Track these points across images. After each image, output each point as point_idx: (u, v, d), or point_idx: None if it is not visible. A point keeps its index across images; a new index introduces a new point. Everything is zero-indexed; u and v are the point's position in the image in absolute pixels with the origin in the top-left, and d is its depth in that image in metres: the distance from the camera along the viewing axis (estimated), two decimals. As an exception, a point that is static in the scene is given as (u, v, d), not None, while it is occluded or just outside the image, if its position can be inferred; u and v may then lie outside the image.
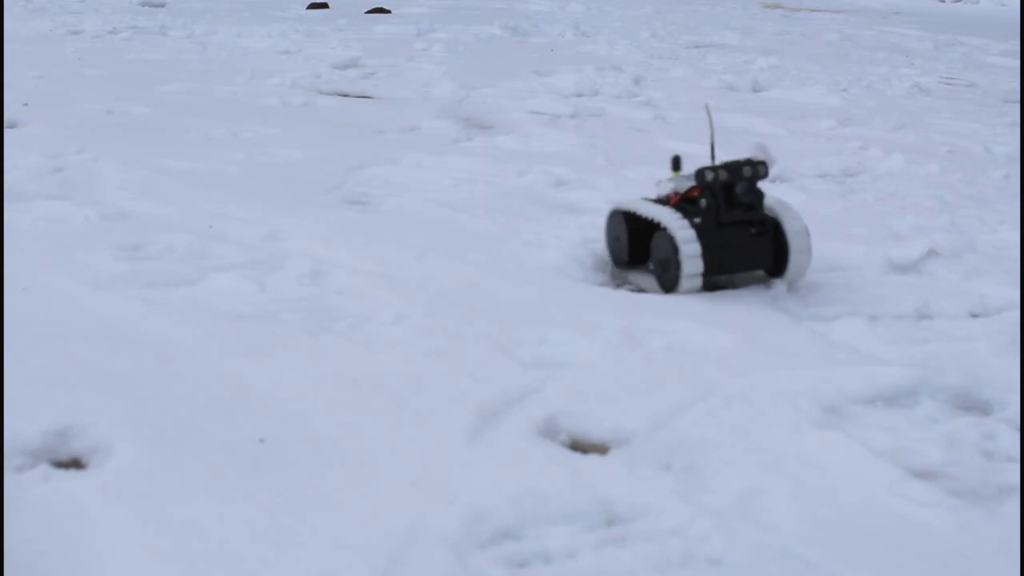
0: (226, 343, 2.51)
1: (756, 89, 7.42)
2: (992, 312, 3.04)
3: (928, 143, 5.61)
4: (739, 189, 2.95)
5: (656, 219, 3.02)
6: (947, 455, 2.13)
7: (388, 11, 12.15)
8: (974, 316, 3.01)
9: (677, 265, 2.94)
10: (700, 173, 2.96)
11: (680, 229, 2.92)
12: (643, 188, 4.25)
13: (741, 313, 2.91)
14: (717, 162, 3.01)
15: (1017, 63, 9.94)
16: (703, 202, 2.98)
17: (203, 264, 3.06)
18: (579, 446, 2.14)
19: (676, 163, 3.15)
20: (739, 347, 2.64)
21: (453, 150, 4.88)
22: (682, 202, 3.05)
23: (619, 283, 3.20)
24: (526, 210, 3.86)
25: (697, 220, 2.97)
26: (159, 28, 9.22)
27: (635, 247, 3.17)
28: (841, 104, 6.88)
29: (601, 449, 2.13)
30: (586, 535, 1.80)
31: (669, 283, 3.00)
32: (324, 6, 12.59)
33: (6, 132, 4.60)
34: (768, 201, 3.09)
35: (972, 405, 2.41)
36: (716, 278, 3.07)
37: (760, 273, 3.13)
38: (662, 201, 3.11)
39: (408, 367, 2.43)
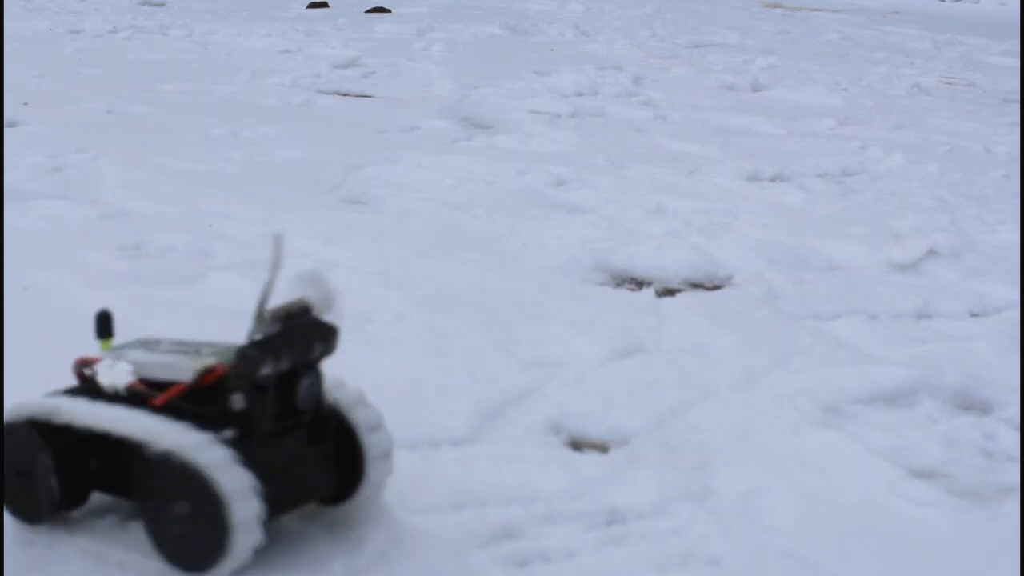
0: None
1: (756, 89, 7.41)
2: (992, 312, 3.04)
3: (928, 143, 5.61)
4: (303, 391, 1.69)
5: (135, 435, 1.64)
6: (947, 455, 2.14)
7: (388, 10, 12.14)
8: (974, 316, 3.01)
9: (218, 521, 1.56)
10: (247, 359, 1.62)
11: (208, 453, 1.59)
12: (643, 188, 4.26)
13: (741, 313, 2.91)
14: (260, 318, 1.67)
15: (1017, 63, 9.93)
16: (236, 401, 1.64)
17: (203, 263, 3.06)
18: (579, 446, 2.14)
19: (105, 325, 1.83)
20: (739, 347, 2.64)
21: (453, 150, 4.88)
22: (179, 398, 1.67)
23: (619, 282, 3.20)
24: (526, 210, 3.86)
25: (230, 432, 1.63)
26: (159, 27, 9.22)
27: (73, 480, 1.73)
28: (841, 104, 6.88)
29: (601, 449, 2.13)
30: (586, 535, 1.80)
31: (196, 554, 1.60)
32: (324, 5, 12.58)
33: (6, 131, 4.59)
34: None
35: (972, 405, 2.41)
36: None
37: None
38: (119, 396, 1.72)
39: (408, 366, 2.43)
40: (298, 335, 1.66)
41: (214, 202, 3.71)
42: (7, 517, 1.74)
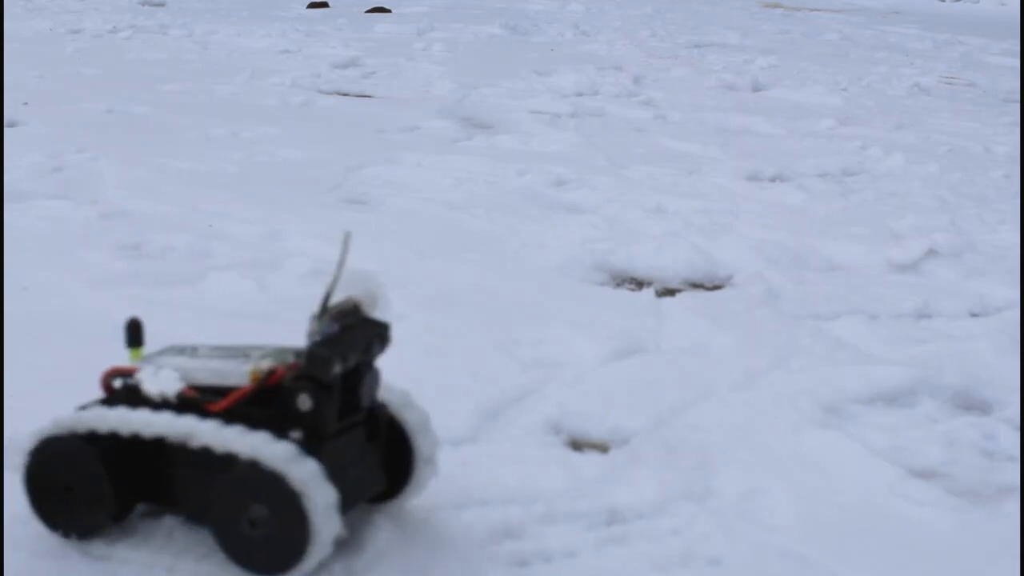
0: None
1: (756, 88, 7.42)
2: (992, 312, 3.04)
3: (928, 143, 5.61)
4: (365, 389, 1.70)
5: (214, 442, 1.62)
6: (947, 455, 2.14)
7: (388, 10, 12.14)
8: (974, 316, 3.01)
9: (299, 526, 1.56)
10: (318, 359, 1.61)
11: (286, 459, 1.58)
12: (643, 188, 4.26)
13: (741, 313, 2.91)
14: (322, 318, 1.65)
15: (1017, 63, 9.94)
16: (303, 401, 1.63)
17: (203, 263, 3.06)
18: (579, 446, 2.14)
19: (136, 334, 1.80)
20: (739, 347, 2.64)
21: (453, 150, 4.88)
22: (241, 404, 1.66)
23: (619, 282, 3.20)
24: (526, 210, 3.86)
25: (297, 434, 1.63)
26: (159, 27, 9.22)
27: (124, 491, 1.70)
28: (841, 104, 6.88)
29: (601, 449, 2.13)
30: (586, 535, 1.80)
31: (279, 559, 1.59)
32: (324, 5, 12.58)
33: (6, 131, 4.59)
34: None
35: (972, 405, 2.41)
36: None
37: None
38: (167, 403, 1.70)
39: (408, 366, 2.42)
40: (359, 333, 1.66)
41: (214, 202, 3.71)
42: (42, 529, 1.70)
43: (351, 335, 1.64)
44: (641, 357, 2.57)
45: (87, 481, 1.67)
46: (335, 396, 1.63)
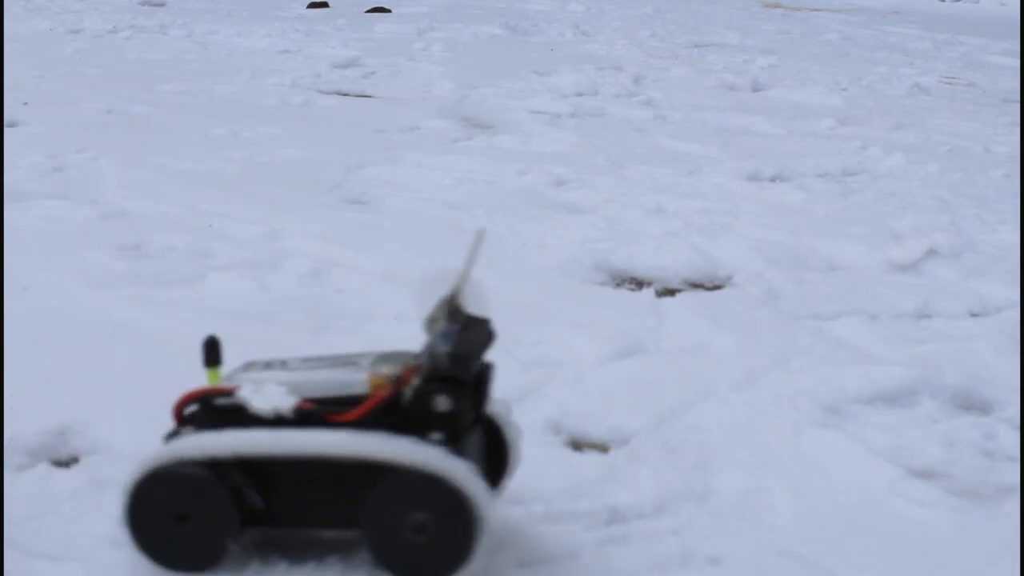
0: (226, 342, 2.50)
1: (756, 88, 7.42)
2: (992, 312, 3.04)
3: (928, 143, 5.61)
4: (489, 387, 1.74)
5: (373, 455, 1.59)
6: (947, 455, 2.14)
7: (388, 10, 12.14)
8: (974, 316, 3.01)
9: (466, 528, 1.57)
10: (461, 359, 1.62)
11: (448, 463, 1.57)
12: (643, 188, 4.26)
13: (741, 313, 2.91)
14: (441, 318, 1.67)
15: (1017, 63, 9.94)
16: (441, 403, 1.61)
17: (203, 263, 3.06)
18: (579, 446, 2.14)
19: (214, 353, 1.72)
20: (739, 347, 2.64)
21: (453, 150, 4.88)
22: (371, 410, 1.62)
23: (619, 282, 3.20)
24: (526, 210, 3.86)
25: (438, 435, 1.61)
26: (159, 27, 9.22)
27: (245, 516, 1.64)
28: (841, 104, 6.88)
29: (601, 449, 2.13)
30: (586, 535, 1.80)
31: (443, 564, 1.59)
32: (324, 5, 12.58)
33: (6, 131, 4.59)
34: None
35: (972, 405, 2.41)
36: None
37: None
38: (283, 419, 1.63)
39: (408, 367, 2.42)
40: (475, 331, 1.65)
41: (214, 202, 3.71)
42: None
43: (471, 333, 1.64)
44: (641, 357, 2.57)
45: (207, 509, 1.61)
46: (469, 395, 1.63)
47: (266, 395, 1.62)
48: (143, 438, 1.99)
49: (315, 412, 1.62)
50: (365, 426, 1.60)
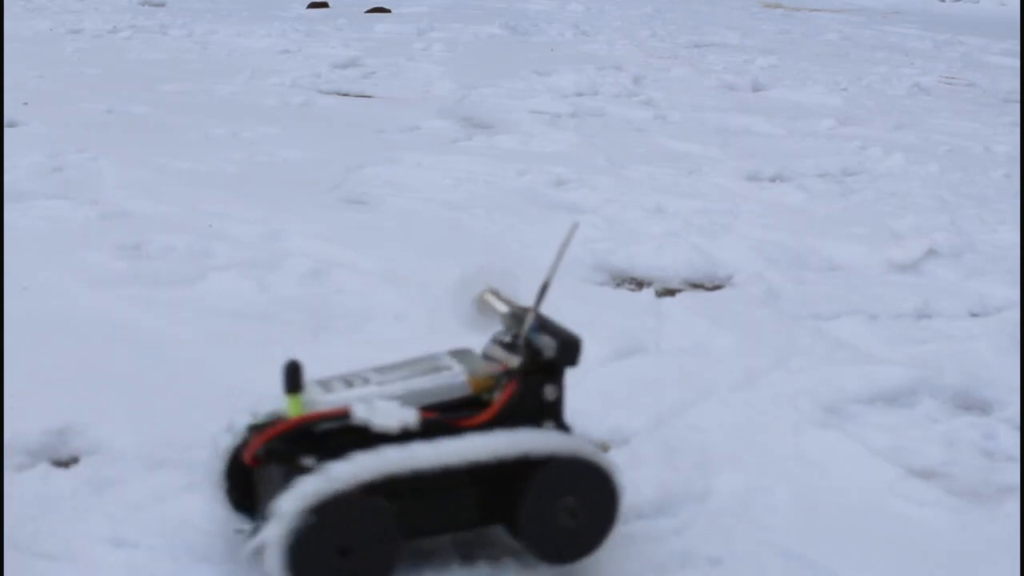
0: (226, 342, 2.51)
1: (756, 88, 7.42)
2: (992, 312, 3.04)
3: (928, 143, 5.61)
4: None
5: (505, 455, 1.59)
6: (947, 455, 2.14)
7: (388, 10, 12.14)
8: (974, 316, 3.01)
9: (611, 506, 1.68)
10: (572, 344, 1.71)
11: (588, 448, 1.68)
12: (643, 188, 4.26)
13: (741, 313, 2.91)
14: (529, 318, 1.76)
15: (1017, 63, 9.94)
16: (550, 392, 1.69)
17: (203, 263, 3.06)
18: (579, 446, 2.14)
19: (295, 378, 1.58)
20: (739, 347, 2.64)
21: (453, 150, 4.88)
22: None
23: (619, 282, 3.20)
24: (526, 210, 3.86)
25: (552, 424, 1.70)
26: (159, 27, 9.22)
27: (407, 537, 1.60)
28: (841, 104, 6.88)
29: (601, 449, 2.13)
30: (586, 535, 1.80)
31: (585, 543, 1.68)
32: (324, 5, 12.58)
33: (6, 131, 4.59)
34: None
35: (972, 405, 2.41)
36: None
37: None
38: (410, 433, 1.55)
39: (408, 367, 2.42)
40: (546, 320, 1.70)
41: (214, 202, 3.71)
42: None
43: (550, 323, 1.71)
44: (641, 357, 2.57)
45: (373, 537, 1.52)
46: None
47: (384, 412, 1.55)
48: (143, 438, 2.00)
49: (441, 421, 1.59)
50: (490, 426, 1.61)
